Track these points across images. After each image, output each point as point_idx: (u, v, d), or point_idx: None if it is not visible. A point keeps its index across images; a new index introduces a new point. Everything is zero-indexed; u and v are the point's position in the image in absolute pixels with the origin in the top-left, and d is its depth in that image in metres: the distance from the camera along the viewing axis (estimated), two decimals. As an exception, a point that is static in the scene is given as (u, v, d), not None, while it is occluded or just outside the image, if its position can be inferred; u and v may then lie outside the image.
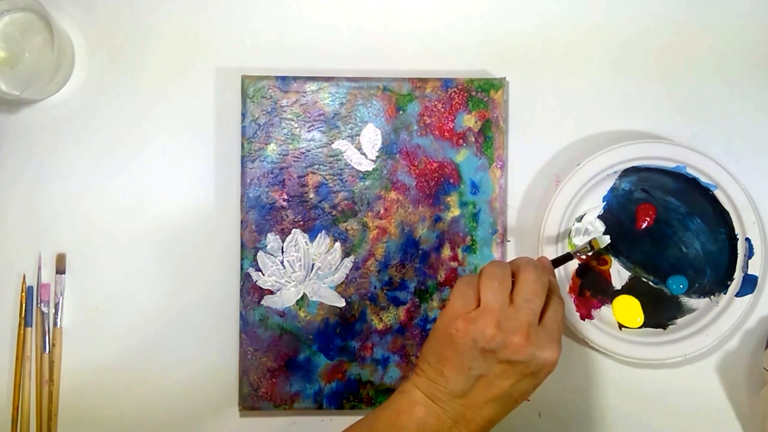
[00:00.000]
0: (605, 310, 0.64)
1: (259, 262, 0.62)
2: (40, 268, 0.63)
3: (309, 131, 0.63)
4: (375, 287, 0.63)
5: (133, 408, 0.63)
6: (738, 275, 0.63)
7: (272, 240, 0.62)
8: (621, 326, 0.63)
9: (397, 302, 0.63)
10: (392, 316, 0.63)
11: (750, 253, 0.62)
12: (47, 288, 0.63)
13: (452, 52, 0.65)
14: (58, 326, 0.63)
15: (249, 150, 0.62)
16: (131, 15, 0.65)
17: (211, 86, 0.64)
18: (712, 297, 0.63)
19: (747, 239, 0.62)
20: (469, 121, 0.63)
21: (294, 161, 0.62)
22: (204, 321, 0.63)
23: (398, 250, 0.63)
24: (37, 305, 0.63)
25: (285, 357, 0.62)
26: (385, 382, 0.62)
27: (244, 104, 0.62)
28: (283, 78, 0.62)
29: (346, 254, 0.63)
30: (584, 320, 0.62)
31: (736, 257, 0.63)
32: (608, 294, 0.64)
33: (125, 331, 0.63)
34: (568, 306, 0.62)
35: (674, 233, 0.64)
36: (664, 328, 0.63)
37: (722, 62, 0.65)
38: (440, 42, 0.65)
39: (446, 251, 0.63)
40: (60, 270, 0.63)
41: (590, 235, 0.64)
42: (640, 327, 0.63)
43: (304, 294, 0.62)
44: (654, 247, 0.64)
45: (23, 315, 0.63)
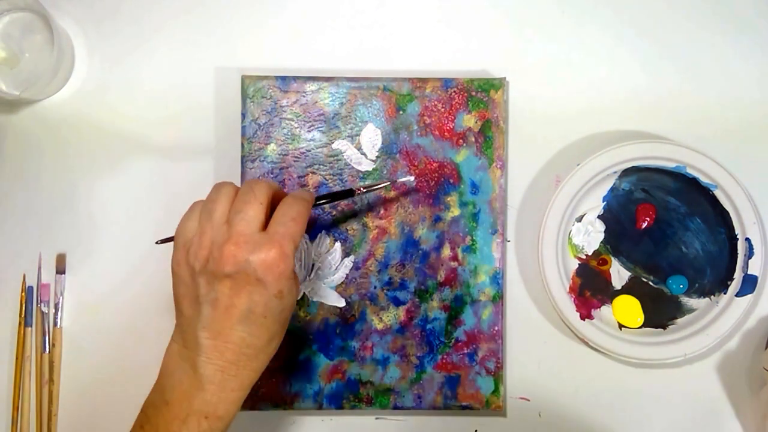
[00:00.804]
0: (605, 310, 0.64)
1: (259, 262, 0.62)
2: (40, 268, 0.63)
3: (309, 131, 0.63)
4: (375, 287, 0.63)
5: (133, 408, 0.63)
6: (738, 275, 0.63)
7: (272, 240, 0.62)
8: (621, 326, 0.63)
9: (397, 302, 0.63)
10: (392, 316, 0.63)
11: (750, 253, 0.62)
12: (47, 288, 0.63)
13: (452, 52, 0.65)
14: (58, 326, 0.63)
15: (249, 150, 0.62)
16: (131, 15, 0.65)
17: (211, 86, 0.64)
18: (712, 297, 0.63)
19: (747, 239, 0.62)
20: (469, 121, 0.63)
21: (294, 161, 0.62)
22: (204, 321, 0.63)
23: (398, 250, 0.63)
24: (37, 305, 0.63)
25: (285, 357, 0.62)
26: (385, 382, 0.62)
27: (244, 104, 0.62)
28: (283, 78, 0.62)
29: (346, 254, 0.63)
30: (584, 320, 0.62)
31: (736, 257, 0.63)
32: (608, 294, 0.64)
33: (125, 331, 0.63)
34: (568, 306, 0.62)
35: (674, 233, 0.64)
36: (664, 328, 0.64)
37: (722, 62, 0.65)
38: (440, 42, 0.65)
39: (446, 251, 0.63)
40: (60, 270, 0.63)
41: (590, 235, 0.64)
42: (640, 327, 0.63)
43: (304, 294, 0.62)
44: (654, 247, 0.64)
45: (23, 315, 0.63)
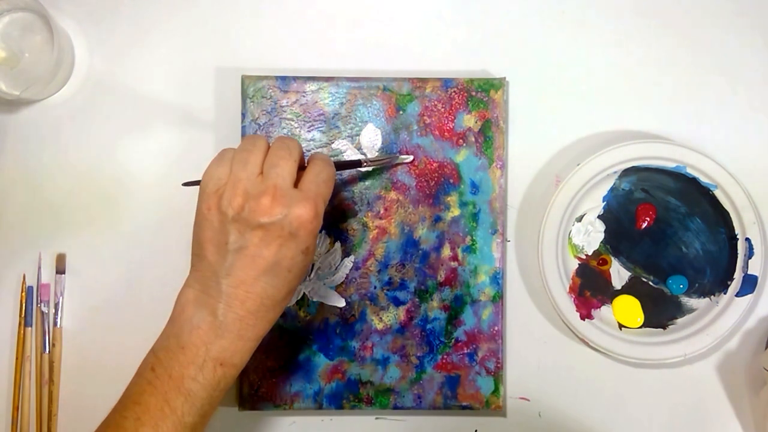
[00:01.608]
0: (605, 310, 0.64)
1: (259, 262, 0.62)
2: (40, 268, 0.63)
3: (309, 131, 0.63)
4: (375, 287, 0.63)
5: (133, 408, 0.63)
6: (738, 275, 0.63)
7: (272, 240, 0.62)
8: (621, 326, 0.63)
9: (397, 302, 0.63)
10: (392, 316, 0.63)
11: (750, 253, 0.62)
12: (47, 288, 0.63)
13: (452, 52, 0.65)
14: (58, 326, 0.63)
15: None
16: (131, 15, 0.65)
17: (211, 86, 0.65)
18: (712, 297, 0.63)
19: (747, 239, 0.62)
20: (469, 121, 0.63)
21: (294, 161, 0.62)
22: (204, 321, 0.63)
23: (398, 250, 0.63)
24: (37, 305, 0.63)
25: (285, 357, 0.62)
26: (385, 382, 0.62)
27: (244, 104, 0.62)
28: (283, 78, 0.62)
29: (346, 254, 0.63)
30: (584, 320, 0.62)
31: (736, 257, 0.63)
32: (608, 294, 0.64)
33: (125, 331, 0.63)
34: (568, 306, 0.62)
35: (674, 233, 0.64)
36: (664, 328, 0.64)
37: (722, 62, 0.65)
38: (440, 42, 0.65)
39: (446, 251, 0.63)
40: (60, 270, 0.63)
41: (590, 235, 0.64)
42: (640, 327, 0.63)
43: (304, 294, 0.62)
44: (654, 247, 0.64)
45: (23, 315, 0.63)
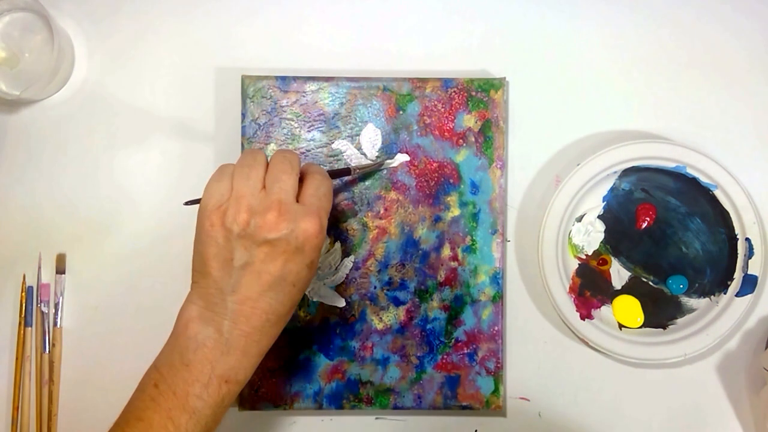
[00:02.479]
0: (605, 310, 0.64)
1: (259, 262, 0.62)
2: (40, 268, 0.63)
3: (309, 131, 0.63)
4: (375, 287, 0.63)
5: (133, 408, 0.63)
6: (738, 275, 0.63)
7: (272, 240, 0.62)
8: (621, 326, 0.63)
9: (397, 302, 0.63)
10: (392, 316, 0.63)
11: (750, 253, 0.62)
12: (47, 288, 0.63)
13: (452, 52, 0.65)
14: (58, 326, 0.63)
15: (251, 148, 0.62)
16: (131, 15, 0.65)
17: (211, 86, 0.65)
18: (712, 297, 0.63)
19: (747, 239, 0.62)
20: (469, 121, 0.63)
21: (294, 161, 0.62)
22: (204, 321, 0.63)
23: (398, 250, 0.63)
24: (37, 305, 0.63)
25: (285, 357, 0.62)
26: (385, 382, 0.62)
27: (244, 104, 0.62)
28: (283, 78, 0.62)
29: (346, 254, 0.63)
30: (584, 320, 0.62)
31: (736, 257, 0.63)
32: (608, 294, 0.64)
33: (125, 331, 0.63)
34: (568, 306, 0.62)
35: (674, 233, 0.64)
36: (664, 328, 0.64)
37: (722, 62, 0.65)
38: (440, 42, 0.65)
39: (446, 251, 0.63)
40: (60, 270, 0.63)
41: (590, 235, 0.64)
42: (640, 327, 0.63)
43: (304, 294, 0.62)
44: (654, 247, 0.64)
45: (23, 315, 0.63)
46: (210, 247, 0.50)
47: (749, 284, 0.62)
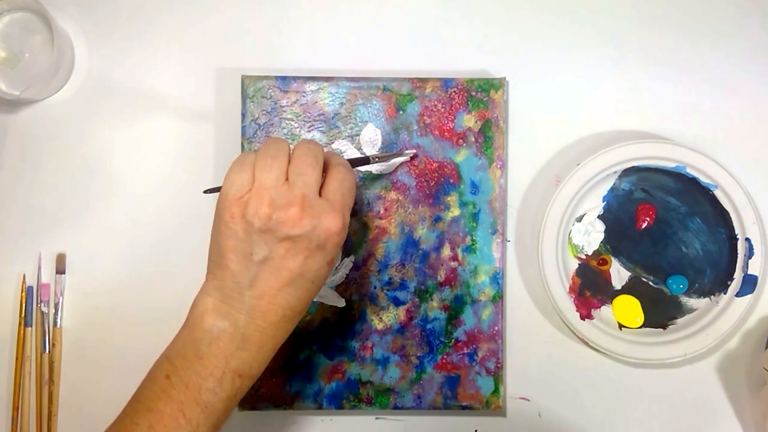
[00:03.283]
0: (605, 310, 0.64)
1: (259, 262, 0.62)
2: (40, 268, 0.63)
3: (309, 131, 0.63)
4: (375, 287, 0.63)
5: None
6: (738, 275, 0.63)
7: (272, 240, 0.62)
8: (621, 326, 0.63)
9: (397, 302, 0.63)
10: (392, 316, 0.63)
11: (750, 253, 0.62)
12: (47, 288, 0.63)
13: (452, 52, 0.65)
14: (58, 326, 0.63)
15: (249, 150, 0.62)
16: (131, 15, 0.65)
17: (211, 86, 0.65)
18: (712, 297, 0.63)
19: (747, 239, 0.62)
20: (469, 121, 0.63)
21: (294, 161, 0.62)
22: (204, 321, 0.63)
23: (398, 250, 0.63)
24: (37, 305, 0.63)
25: (285, 357, 0.62)
26: (385, 382, 0.62)
27: (244, 104, 0.62)
28: (283, 78, 0.62)
29: (346, 254, 0.63)
30: (584, 320, 0.62)
31: (736, 257, 0.63)
32: (608, 294, 0.64)
33: (125, 331, 0.63)
34: (568, 306, 0.62)
35: (674, 233, 0.64)
36: (664, 328, 0.64)
37: (722, 62, 0.65)
38: (440, 42, 0.65)
39: (446, 251, 0.63)
40: (60, 270, 0.63)
41: (590, 235, 0.64)
42: (640, 327, 0.63)
43: (304, 294, 0.62)
44: (654, 247, 0.64)
45: (23, 315, 0.63)
46: (229, 240, 0.49)
47: (749, 284, 0.62)
